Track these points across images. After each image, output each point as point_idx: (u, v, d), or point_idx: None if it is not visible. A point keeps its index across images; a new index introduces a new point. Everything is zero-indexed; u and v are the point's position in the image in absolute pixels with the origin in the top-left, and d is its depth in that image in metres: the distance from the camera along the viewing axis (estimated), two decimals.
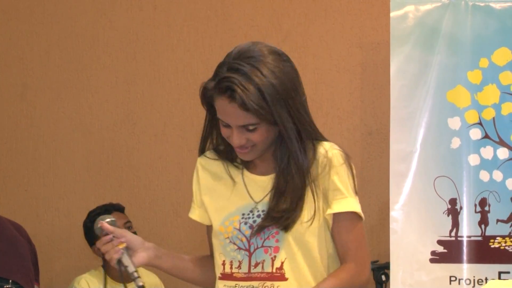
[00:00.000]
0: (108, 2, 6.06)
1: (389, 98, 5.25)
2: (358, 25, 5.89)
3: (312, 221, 2.98)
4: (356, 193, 3.03)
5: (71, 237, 5.84)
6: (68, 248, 5.90)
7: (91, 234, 5.19)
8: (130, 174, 5.96)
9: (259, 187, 3.02)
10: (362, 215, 3.05)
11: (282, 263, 2.97)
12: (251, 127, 2.93)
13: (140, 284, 2.96)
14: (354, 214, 3.01)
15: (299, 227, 2.97)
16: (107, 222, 3.03)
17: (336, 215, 2.96)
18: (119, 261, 2.98)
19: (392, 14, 5.23)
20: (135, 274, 2.97)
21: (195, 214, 3.12)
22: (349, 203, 3.01)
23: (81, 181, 6.04)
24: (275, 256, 2.97)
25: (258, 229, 2.95)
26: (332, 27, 5.91)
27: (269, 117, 2.92)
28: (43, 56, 6.06)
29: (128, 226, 5.21)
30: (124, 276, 3.02)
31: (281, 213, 2.95)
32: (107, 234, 3.03)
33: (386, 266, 5.17)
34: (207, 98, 2.98)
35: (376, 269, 5.18)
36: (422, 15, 5.25)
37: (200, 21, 5.96)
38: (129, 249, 3.01)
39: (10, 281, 4.88)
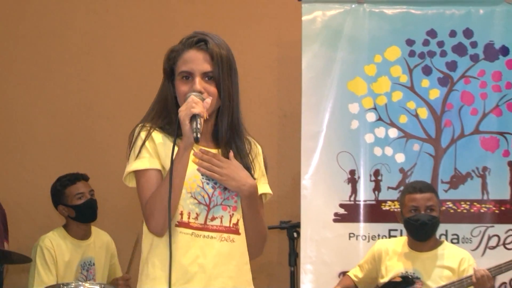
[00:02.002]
0: (68, 6, 6.01)
1: (301, 87, 5.28)
2: (276, 27, 5.88)
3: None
4: None
5: (35, 203, 5.77)
6: (33, 212, 5.81)
7: (57, 197, 5.15)
8: (87, 150, 5.85)
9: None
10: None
11: (238, 220, 2.93)
12: (211, 74, 2.87)
13: (198, 135, 2.76)
14: (265, 195, 3.04)
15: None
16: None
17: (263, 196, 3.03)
18: (196, 115, 2.77)
19: (303, 18, 5.28)
20: (198, 130, 2.76)
21: (153, 163, 2.89)
22: (267, 187, 3.04)
23: (45, 156, 5.95)
24: (233, 214, 2.92)
25: (227, 191, 2.91)
26: (255, 28, 5.89)
27: (222, 77, 2.89)
28: (12, 52, 6.02)
29: (92, 194, 5.13)
30: (185, 128, 2.77)
31: None
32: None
33: (297, 225, 5.17)
34: (170, 60, 2.97)
35: (289, 227, 5.16)
36: (328, 19, 5.30)
37: (145, 21, 5.90)
38: (201, 118, 2.80)
39: None
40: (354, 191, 5.25)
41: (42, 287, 4.78)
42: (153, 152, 2.89)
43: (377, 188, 5.25)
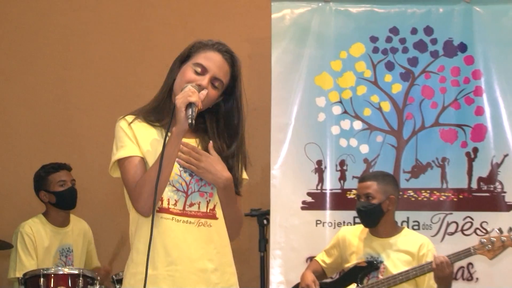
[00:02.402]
0: (48, 4, 5.99)
1: (270, 82, 5.28)
2: (247, 24, 5.87)
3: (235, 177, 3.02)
4: None
5: (17, 191, 5.77)
6: (14, 200, 5.80)
7: (40, 183, 5.15)
8: (65, 141, 5.85)
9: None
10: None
11: (215, 205, 2.97)
12: (217, 84, 2.95)
13: (193, 122, 2.81)
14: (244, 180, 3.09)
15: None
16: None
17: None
18: (192, 103, 2.83)
19: (273, 16, 5.28)
20: (193, 116, 2.82)
21: (134, 151, 2.93)
22: (244, 174, 3.08)
23: (26, 147, 5.94)
24: (210, 200, 2.96)
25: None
26: (227, 25, 5.87)
27: (232, 89, 3.00)
28: None
29: (73, 183, 5.15)
30: (180, 115, 2.82)
31: None
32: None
33: (267, 213, 5.14)
34: (194, 48, 2.99)
35: (259, 215, 5.10)
36: (296, 17, 5.30)
37: (122, 18, 5.91)
38: (196, 107, 2.85)
39: None
40: (321, 180, 5.24)
41: (23, 272, 4.76)
42: (134, 140, 2.93)
43: (342, 178, 5.25)
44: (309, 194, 5.24)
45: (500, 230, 4.31)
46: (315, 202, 5.23)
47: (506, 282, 5.12)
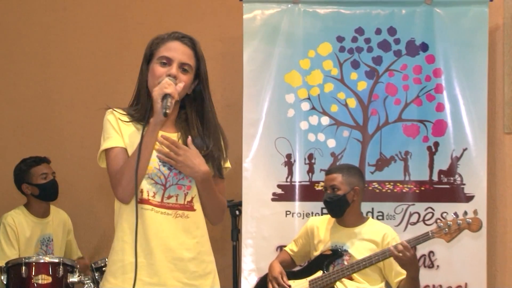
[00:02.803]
0: (28, 5, 5.98)
1: (242, 79, 5.25)
2: (220, 24, 5.85)
3: (213, 170, 3.05)
4: None
5: None
6: None
7: (21, 176, 5.15)
8: (46, 135, 5.83)
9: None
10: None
11: (192, 198, 2.99)
12: (186, 67, 2.97)
13: (167, 111, 2.83)
14: (225, 168, 3.15)
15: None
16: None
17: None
18: (167, 95, 2.86)
19: (244, 17, 5.26)
20: (168, 107, 2.83)
21: (118, 142, 2.97)
22: (227, 163, 3.17)
23: (7, 141, 5.92)
24: (187, 192, 2.97)
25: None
26: (201, 25, 5.82)
27: (198, 70, 3.01)
28: None
29: (54, 175, 5.16)
30: (157, 106, 2.85)
31: None
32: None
33: (239, 204, 5.16)
34: (153, 45, 3.01)
35: (232, 206, 5.13)
36: (267, 17, 5.29)
37: (100, 18, 5.88)
38: (172, 98, 2.87)
39: None
40: (290, 173, 5.24)
41: (6, 261, 4.73)
42: (119, 132, 2.96)
43: (311, 170, 5.25)
44: (279, 186, 5.25)
45: (456, 214, 4.32)
46: (284, 193, 5.24)
47: (464, 269, 5.18)
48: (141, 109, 2.98)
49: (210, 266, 3.07)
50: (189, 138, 2.98)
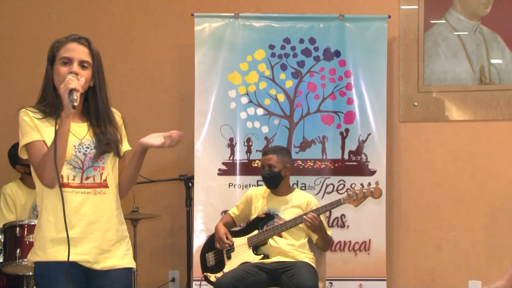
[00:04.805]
0: (19, 14, 5.98)
1: (194, 78, 5.35)
2: (176, 34, 5.87)
3: (115, 151, 2.98)
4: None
5: None
6: None
7: (14, 158, 5.12)
8: None
9: (78, 128, 2.92)
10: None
11: (106, 176, 2.93)
12: (86, 64, 2.87)
13: (74, 104, 2.73)
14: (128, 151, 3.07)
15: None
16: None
17: (125, 152, 3.06)
18: (73, 89, 2.75)
19: (195, 28, 5.37)
20: (74, 99, 2.73)
21: (36, 136, 2.84)
22: (127, 145, 3.05)
23: (2, 128, 5.94)
24: (102, 173, 2.91)
25: (97, 156, 2.90)
26: (160, 34, 5.88)
27: (95, 67, 2.89)
28: None
29: None
30: (65, 101, 2.74)
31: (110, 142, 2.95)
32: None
33: (192, 177, 5.25)
34: (54, 48, 2.91)
35: (186, 179, 5.24)
36: (213, 29, 5.37)
37: (75, 27, 5.70)
38: (77, 92, 2.77)
39: None
40: (233, 153, 5.32)
41: (3, 223, 4.71)
42: (35, 127, 2.86)
43: (249, 151, 5.34)
44: (223, 163, 5.33)
45: (362, 185, 4.41)
46: (228, 169, 5.32)
47: (368, 228, 5.31)
48: (50, 105, 2.87)
49: (125, 233, 3.02)
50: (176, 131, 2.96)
